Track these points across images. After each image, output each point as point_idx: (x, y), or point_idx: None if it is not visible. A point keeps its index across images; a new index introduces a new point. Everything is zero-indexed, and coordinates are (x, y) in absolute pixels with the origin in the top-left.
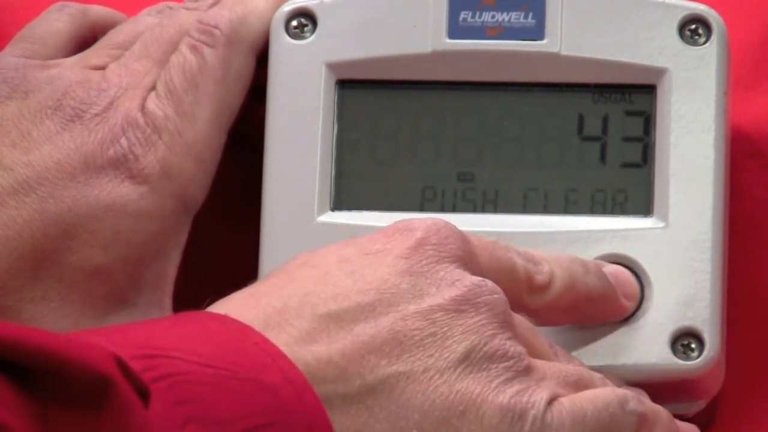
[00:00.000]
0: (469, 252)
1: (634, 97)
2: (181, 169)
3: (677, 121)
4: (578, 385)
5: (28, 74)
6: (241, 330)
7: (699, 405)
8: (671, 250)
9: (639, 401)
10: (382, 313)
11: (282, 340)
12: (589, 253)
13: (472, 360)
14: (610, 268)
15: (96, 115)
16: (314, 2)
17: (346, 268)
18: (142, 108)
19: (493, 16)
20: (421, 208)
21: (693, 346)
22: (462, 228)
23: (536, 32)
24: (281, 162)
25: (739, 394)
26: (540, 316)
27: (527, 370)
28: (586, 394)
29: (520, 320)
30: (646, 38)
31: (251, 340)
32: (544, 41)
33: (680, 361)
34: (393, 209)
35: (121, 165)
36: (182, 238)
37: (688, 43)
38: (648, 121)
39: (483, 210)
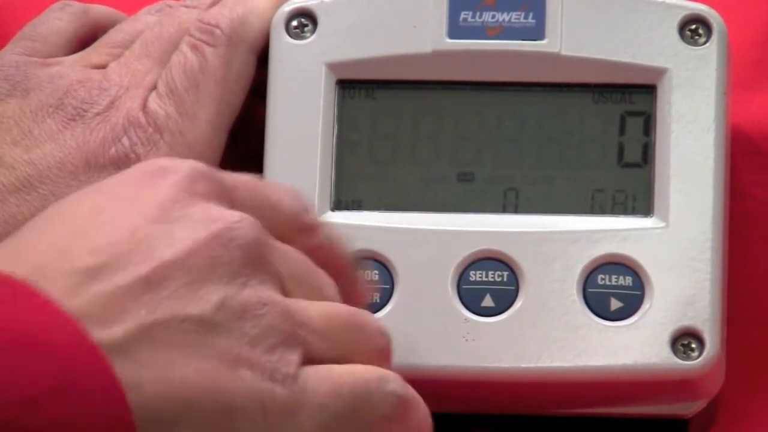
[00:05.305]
0: (226, 188)
1: (634, 97)
2: None
3: (677, 121)
4: (348, 327)
5: (29, 72)
6: (27, 291)
7: (699, 405)
8: (671, 249)
9: (402, 384)
10: (138, 263)
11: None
12: (590, 253)
13: (224, 312)
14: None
15: (97, 114)
16: (314, 2)
17: (99, 219)
18: (144, 107)
19: (493, 16)
20: (421, 209)
21: (693, 345)
22: (462, 229)
23: (536, 32)
24: (281, 162)
25: (739, 393)
26: (315, 257)
27: (284, 316)
28: (347, 367)
29: (284, 255)
30: (646, 38)
31: (38, 301)
32: (545, 41)
33: (680, 361)
34: (393, 209)
35: (123, 164)
36: None
37: (688, 43)
38: (648, 121)
39: (483, 210)
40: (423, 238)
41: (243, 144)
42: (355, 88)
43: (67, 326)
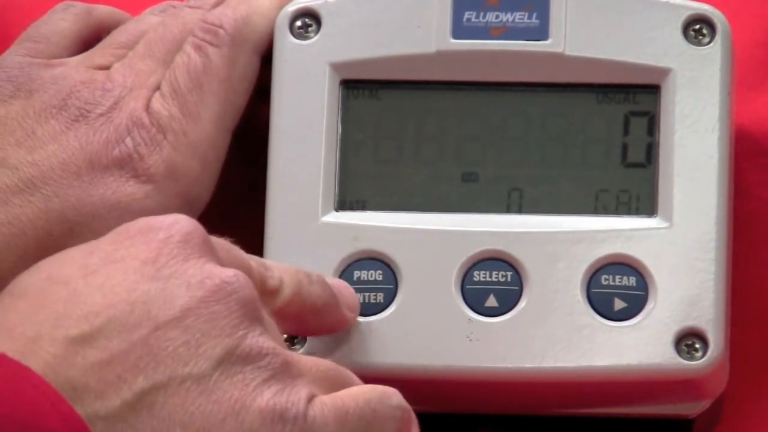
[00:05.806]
0: (212, 247)
1: (638, 97)
2: (185, 168)
3: (681, 121)
4: (336, 380)
5: (33, 73)
6: (19, 372)
7: (703, 405)
8: (675, 250)
9: (401, 397)
10: (134, 326)
11: (39, 369)
12: (594, 253)
13: (226, 365)
14: (332, 281)
15: (101, 115)
16: (318, 2)
17: (94, 281)
18: (147, 108)
19: (497, 16)
20: (425, 209)
21: (697, 346)
22: (466, 229)
23: (540, 32)
24: (285, 162)
25: (743, 394)
26: (284, 315)
27: (284, 366)
28: (348, 391)
29: (267, 316)
30: (650, 38)
31: (29, 383)
32: (548, 41)
33: (684, 361)
34: (397, 209)
35: (126, 164)
36: None
37: (692, 43)
38: (652, 121)
39: (487, 210)
40: (427, 238)
41: (247, 144)
42: (359, 88)
43: (58, 407)
